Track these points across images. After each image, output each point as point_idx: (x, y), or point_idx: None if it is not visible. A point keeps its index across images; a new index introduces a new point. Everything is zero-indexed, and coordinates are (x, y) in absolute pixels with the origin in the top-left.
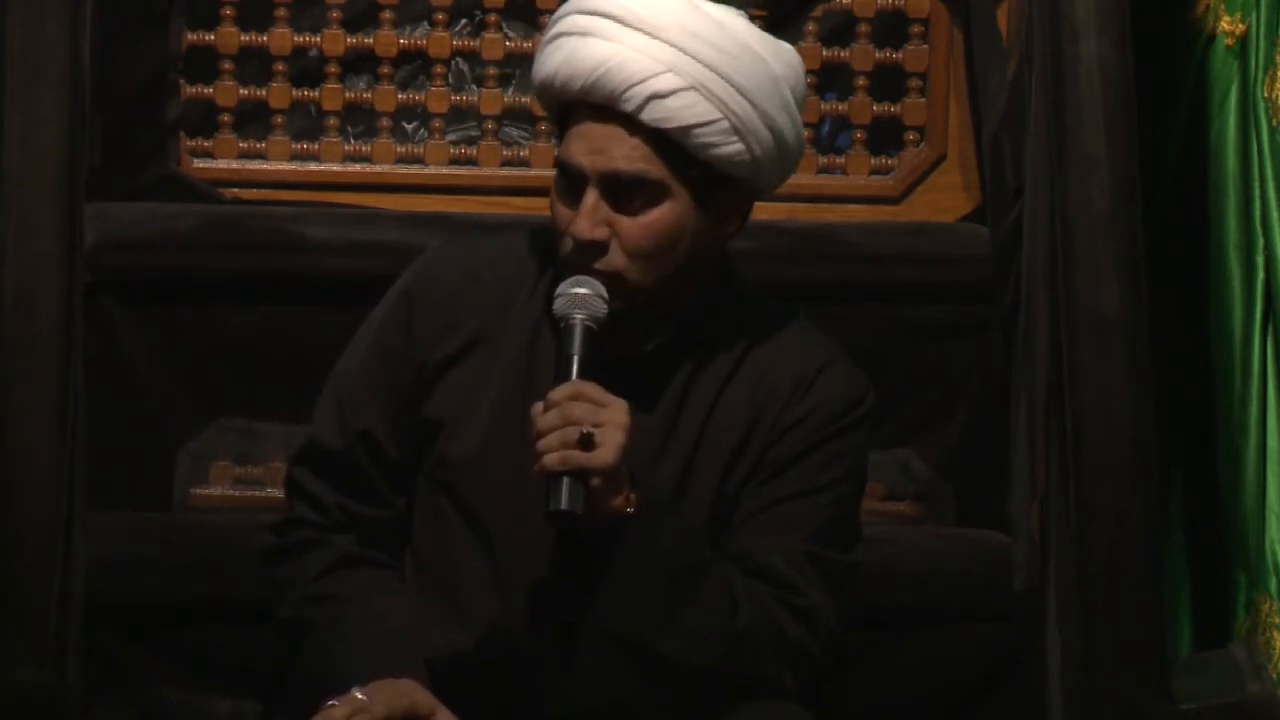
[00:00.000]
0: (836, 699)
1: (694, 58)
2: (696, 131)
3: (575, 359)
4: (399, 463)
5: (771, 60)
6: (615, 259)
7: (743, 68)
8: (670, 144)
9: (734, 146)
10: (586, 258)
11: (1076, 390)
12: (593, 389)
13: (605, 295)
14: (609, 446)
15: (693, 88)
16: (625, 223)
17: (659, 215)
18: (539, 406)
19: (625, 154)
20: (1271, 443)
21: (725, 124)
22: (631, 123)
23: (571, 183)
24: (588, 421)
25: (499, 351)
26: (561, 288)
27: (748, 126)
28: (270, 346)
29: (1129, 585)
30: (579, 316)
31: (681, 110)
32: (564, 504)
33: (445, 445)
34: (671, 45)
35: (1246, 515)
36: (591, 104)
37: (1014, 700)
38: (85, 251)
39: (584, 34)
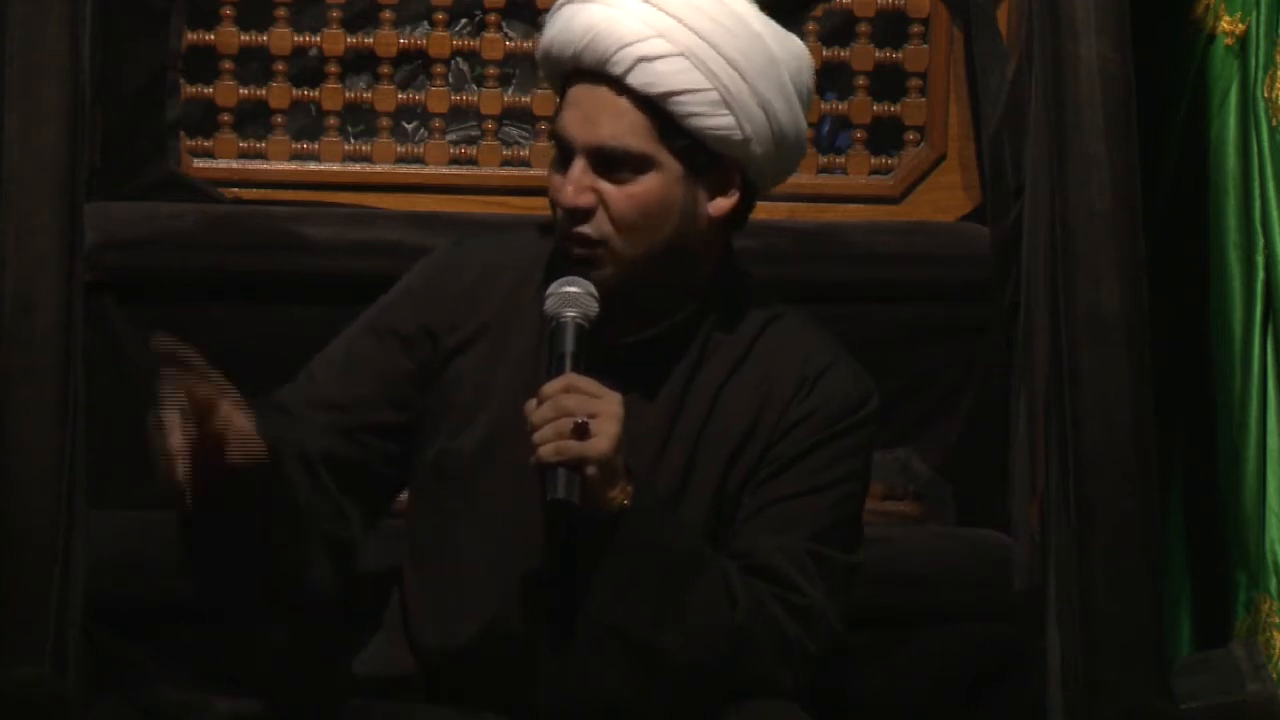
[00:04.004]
0: (836, 699)
1: (686, 25)
2: (683, 99)
3: (567, 356)
4: (380, 427)
5: (771, 42)
6: (602, 226)
7: (737, 41)
8: (659, 112)
9: (723, 119)
10: (574, 223)
11: (1076, 390)
12: (585, 381)
13: (595, 293)
14: (603, 436)
15: (682, 54)
16: (612, 191)
17: (645, 186)
18: (532, 402)
19: (611, 124)
20: (1271, 443)
21: (714, 95)
22: (620, 86)
23: (563, 152)
24: (581, 412)
25: (507, 347)
26: (553, 286)
27: (738, 101)
28: (270, 346)
29: (1129, 585)
30: (570, 314)
31: (669, 76)
32: (560, 493)
33: (451, 438)
34: (664, 11)
35: (1246, 515)
36: (585, 69)
37: (1014, 700)
38: (85, 251)
39: (583, 0)
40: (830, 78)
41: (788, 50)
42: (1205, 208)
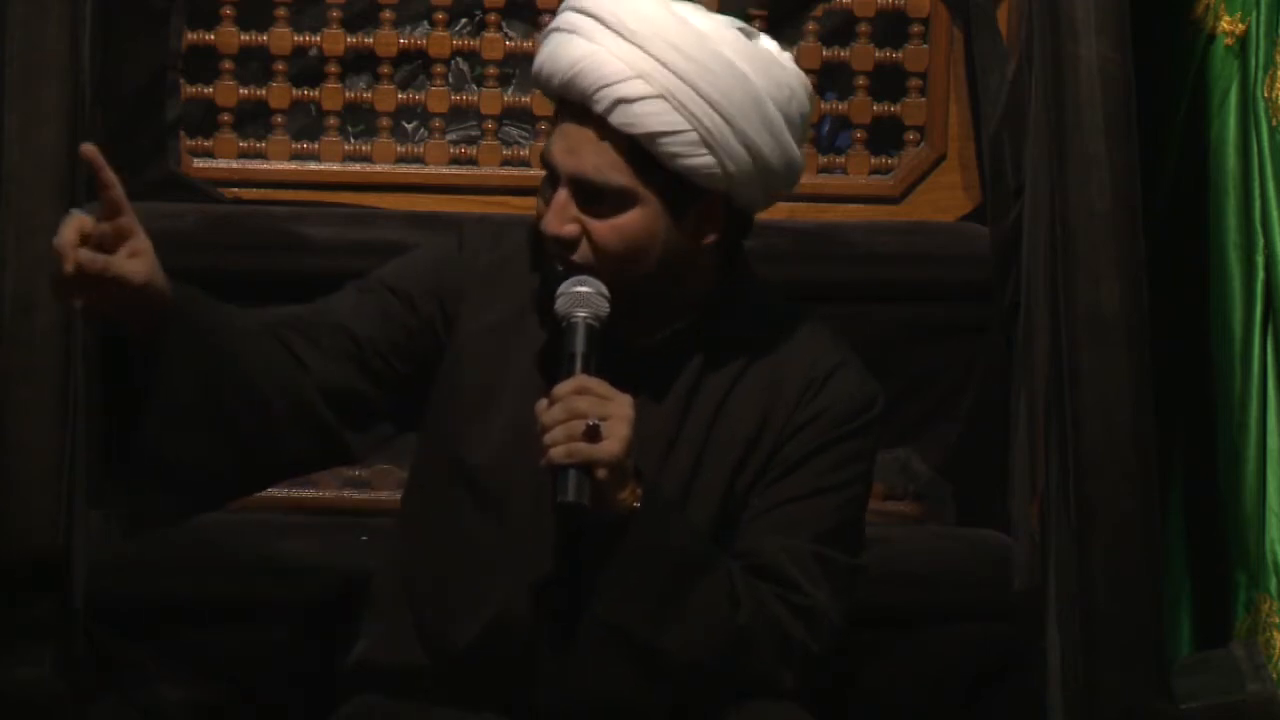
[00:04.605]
0: (836, 699)
1: (667, 66)
2: (663, 140)
3: (578, 356)
4: (379, 372)
5: (756, 77)
6: (586, 255)
7: (718, 82)
8: (639, 150)
9: (704, 159)
10: (560, 250)
11: (1076, 390)
12: (597, 383)
13: (606, 293)
14: (614, 439)
15: (661, 96)
16: (594, 223)
17: (626, 220)
18: (543, 403)
19: (594, 159)
20: (1271, 443)
21: (694, 136)
22: (602, 125)
23: (551, 178)
24: (593, 414)
25: (515, 346)
26: (563, 287)
27: (719, 141)
28: None
29: (1129, 585)
30: (581, 314)
31: (648, 117)
32: (570, 496)
33: (460, 437)
34: (646, 52)
35: (1246, 515)
36: (570, 101)
37: (1014, 700)
38: None
39: (570, 31)
40: (830, 78)
41: (775, 81)
42: (1205, 208)
